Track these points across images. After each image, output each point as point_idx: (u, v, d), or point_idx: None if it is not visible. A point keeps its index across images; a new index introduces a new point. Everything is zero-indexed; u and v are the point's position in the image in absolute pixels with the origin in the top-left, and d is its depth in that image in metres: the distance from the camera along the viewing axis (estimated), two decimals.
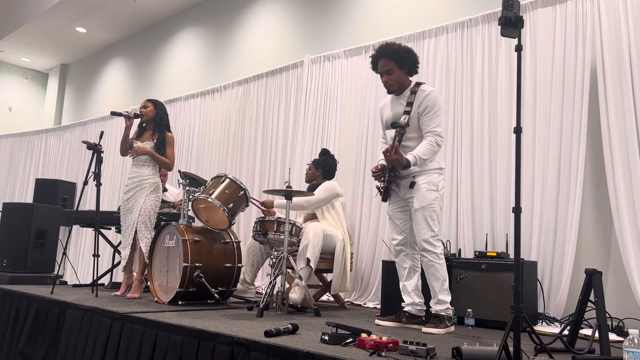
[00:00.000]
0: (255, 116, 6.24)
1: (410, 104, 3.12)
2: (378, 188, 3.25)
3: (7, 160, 10.17)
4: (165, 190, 5.44)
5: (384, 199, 3.23)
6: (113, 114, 4.20)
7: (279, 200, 4.17)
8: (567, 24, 3.93)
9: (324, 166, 4.46)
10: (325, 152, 4.56)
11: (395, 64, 3.16)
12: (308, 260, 3.76)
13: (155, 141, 4.12)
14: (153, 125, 4.17)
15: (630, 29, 3.63)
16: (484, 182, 4.16)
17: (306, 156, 5.42)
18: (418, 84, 3.19)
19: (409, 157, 3.00)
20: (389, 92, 3.27)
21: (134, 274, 4.20)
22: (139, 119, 4.20)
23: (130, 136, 4.21)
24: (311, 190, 4.34)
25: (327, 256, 4.08)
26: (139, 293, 4.01)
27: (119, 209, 4.44)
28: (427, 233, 3.03)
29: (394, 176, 3.13)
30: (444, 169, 3.25)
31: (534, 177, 3.91)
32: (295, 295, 3.64)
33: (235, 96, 6.58)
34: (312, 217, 4.33)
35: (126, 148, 4.19)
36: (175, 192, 5.69)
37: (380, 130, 3.42)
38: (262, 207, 4.33)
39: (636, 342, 1.86)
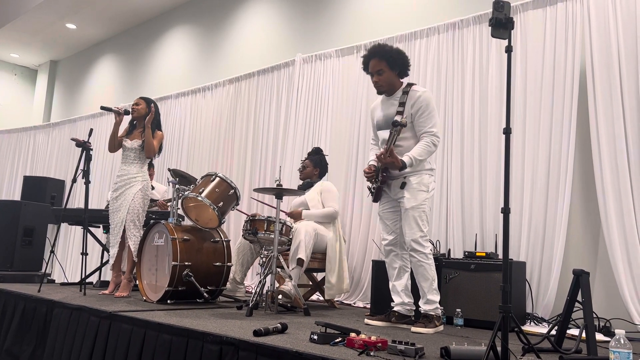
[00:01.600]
0: (246, 115, 6.23)
1: (402, 104, 3.13)
2: (369, 188, 3.25)
3: None
4: (152, 188, 5.41)
5: (375, 200, 3.24)
6: (103, 108, 4.16)
7: (307, 211, 4.17)
8: (557, 26, 3.95)
9: (322, 165, 4.48)
10: (319, 151, 4.56)
11: (387, 64, 3.16)
12: (301, 261, 3.75)
13: (143, 139, 4.09)
14: (143, 123, 4.14)
15: (619, 31, 3.66)
16: (474, 183, 4.18)
17: (297, 155, 5.41)
18: (410, 85, 3.19)
19: (405, 158, 3.00)
20: (378, 93, 3.28)
21: (123, 272, 4.17)
22: (129, 116, 4.18)
23: (120, 133, 4.19)
24: (306, 187, 4.34)
25: (317, 255, 4.07)
26: (127, 292, 3.98)
27: (106, 207, 4.41)
28: (416, 233, 3.03)
29: (386, 176, 3.13)
30: (435, 170, 3.26)
31: (524, 178, 3.93)
32: (287, 287, 3.62)
33: (227, 94, 6.56)
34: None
35: (115, 144, 4.17)
36: (162, 189, 5.65)
37: (371, 131, 3.42)
38: (289, 219, 4.18)
39: (622, 342, 1.87)
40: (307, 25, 6.14)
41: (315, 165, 4.45)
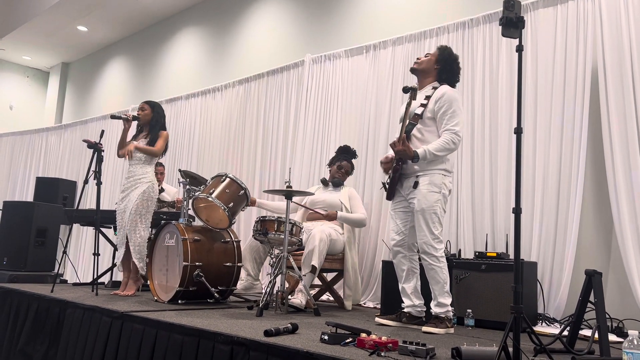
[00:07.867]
0: (255, 115, 6.24)
1: (428, 97, 3.18)
2: (383, 184, 3.24)
3: (7, 159, 10.17)
4: (162, 190, 5.44)
5: (389, 197, 3.22)
6: (113, 117, 4.21)
7: (342, 213, 4.20)
8: (568, 25, 3.92)
9: (353, 167, 4.58)
10: (350, 150, 4.61)
11: (437, 53, 3.28)
12: (314, 268, 3.75)
13: (147, 140, 4.15)
14: (149, 127, 4.22)
15: (631, 29, 3.63)
16: (485, 183, 4.16)
17: (306, 156, 5.42)
18: (442, 84, 3.23)
19: (419, 150, 3.01)
20: (410, 69, 3.36)
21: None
22: (137, 121, 4.24)
23: (129, 138, 4.24)
24: (336, 185, 4.42)
25: (327, 256, 4.07)
26: (133, 290, 4.05)
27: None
28: (426, 236, 3.02)
29: (401, 166, 3.12)
30: (452, 172, 3.22)
31: (535, 178, 3.91)
32: (297, 301, 3.63)
33: (236, 95, 6.58)
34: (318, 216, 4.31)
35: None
36: (172, 191, 5.68)
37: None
38: (325, 219, 4.19)
39: (636, 343, 1.86)
40: (316, 25, 6.15)
41: (352, 169, 4.56)
